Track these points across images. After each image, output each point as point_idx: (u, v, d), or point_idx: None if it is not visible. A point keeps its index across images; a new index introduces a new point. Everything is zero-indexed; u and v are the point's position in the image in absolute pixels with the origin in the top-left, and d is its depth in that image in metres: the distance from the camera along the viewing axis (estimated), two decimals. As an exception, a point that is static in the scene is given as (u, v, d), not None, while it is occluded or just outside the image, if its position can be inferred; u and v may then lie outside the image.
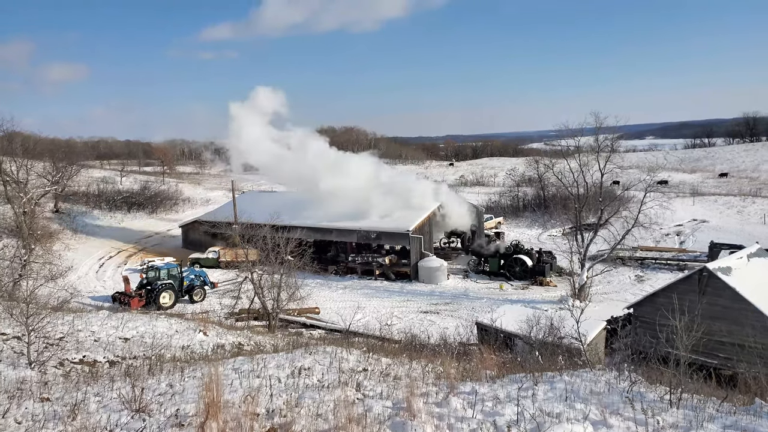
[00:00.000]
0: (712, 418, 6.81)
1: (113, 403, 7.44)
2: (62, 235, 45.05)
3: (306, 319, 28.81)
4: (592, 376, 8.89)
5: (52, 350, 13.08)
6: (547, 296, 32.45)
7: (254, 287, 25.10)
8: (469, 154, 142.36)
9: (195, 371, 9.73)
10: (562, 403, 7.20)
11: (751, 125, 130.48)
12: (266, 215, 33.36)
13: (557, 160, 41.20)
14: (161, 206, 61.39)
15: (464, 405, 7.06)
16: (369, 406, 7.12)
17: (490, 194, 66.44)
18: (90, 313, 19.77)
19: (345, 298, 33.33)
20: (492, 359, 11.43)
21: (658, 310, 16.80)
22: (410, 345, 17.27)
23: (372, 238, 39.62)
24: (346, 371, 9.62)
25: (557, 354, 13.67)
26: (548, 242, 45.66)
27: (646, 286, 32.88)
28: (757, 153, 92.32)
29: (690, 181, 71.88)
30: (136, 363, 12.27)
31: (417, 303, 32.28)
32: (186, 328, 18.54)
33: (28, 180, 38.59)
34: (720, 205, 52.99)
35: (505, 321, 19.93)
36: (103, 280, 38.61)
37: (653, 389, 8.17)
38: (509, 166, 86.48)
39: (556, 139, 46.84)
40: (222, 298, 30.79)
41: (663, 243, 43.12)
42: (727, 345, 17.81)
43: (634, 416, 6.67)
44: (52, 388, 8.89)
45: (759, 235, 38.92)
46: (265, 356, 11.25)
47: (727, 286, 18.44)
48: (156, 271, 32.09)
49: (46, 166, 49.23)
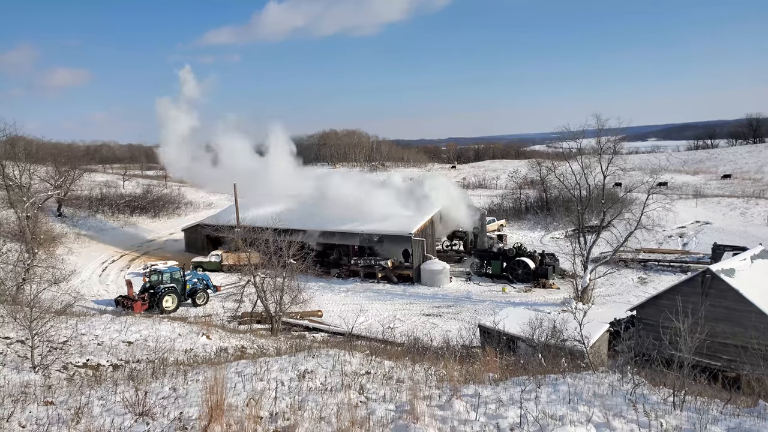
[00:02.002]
0: (715, 421, 6.80)
1: (117, 407, 7.46)
2: (65, 239, 45.14)
3: (309, 323, 28.81)
4: (595, 379, 8.88)
5: (55, 354, 13.12)
6: (549, 299, 32.38)
7: (257, 290, 25.10)
8: (472, 157, 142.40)
9: (198, 375, 9.75)
10: (565, 406, 7.19)
11: (754, 126, 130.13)
12: (269, 218, 33.39)
13: (559, 162, 41.17)
14: (164, 210, 61.48)
15: (467, 408, 7.06)
16: (372, 409, 7.12)
17: (493, 197, 66.39)
18: (93, 317, 19.83)
19: (347, 301, 33.32)
20: (495, 362, 11.42)
21: (661, 312, 16.75)
22: (413, 348, 17.24)
23: (374, 241, 39.63)
24: (349, 374, 9.62)
25: (560, 356, 13.64)
26: (551, 245, 45.59)
27: (649, 288, 32.79)
28: (760, 154, 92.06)
29: (693, 182, 71.70)
30: (139, 367, 12.29)
31: (419, 306, 32.26)
32: (189, 332, 18.57)
33: (30, 184, 38.71)
34: (723, 207, 52.82)
35: (507, 323, 19.89)
36: (106, 283, 38.67)
37: (656, 391, 8.15)
38: (511, 168, 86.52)
39: (558, 142, 46.85)
40: (225, 302, 30.84)
41: (666, 245, 43.01)
42: (731, 347, 17.74)
43: (637, 419, 6.66)
44: (56, 392, 8.92)
45: (762, 236, 38.76)
46: (268, 359, 11.26)
47: (731, 288, 18.37)
48: (159, 274, 32.12)
49: (48, 170, 49.41)
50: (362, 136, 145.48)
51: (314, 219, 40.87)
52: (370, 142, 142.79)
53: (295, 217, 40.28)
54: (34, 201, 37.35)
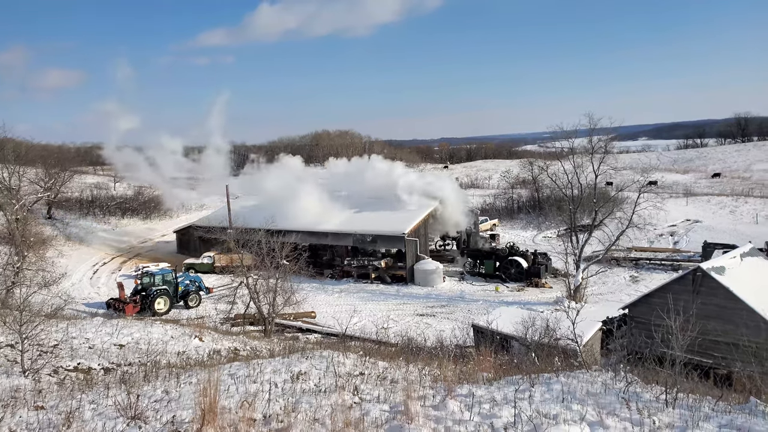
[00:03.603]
0: (707, 418, 6.85)
1: (108, 411, 7.40)
2: (55, 242, 44.68)
3: (302, 324, 28.74)
4: (589, 377, 8.91)
5: (46, 358, 13.00)
6: (542, 298, 32.51)
7: (249, 292, 25.01)
8: (464, 157, 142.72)
9: (191, 377, 9.69)
10: (558, 405, 7.21)
11: (743, 126, 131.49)
12: (261, 219, 33.27)
13: (551, 161, 41.40)
14: (155, 211, 61.07)
15: (461, 407, 7.06)
16: (366, 410, 7.11)
17: (485, 196, 66.56)
18: (84, 320, 19.68)
19: (341, 302, 33.28)
20: (488, 361, 11.44)
21: (653, 311, 16.84)
22: (407, 348, 17.25)
23: (368, 241, 39.61)
24: (343, 375, 9.60)
25: (553, 355, 13.68)
26: (543, 244, 45.77)
27: (640, 286, 33.01)
28: (749, 153, 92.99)
29: (683, 181, 72.27)
30: (131, 370, 12.20)
31: (413, 306, 32.27)
32: (181, 334, 18.47)
33: (20, 186, 38.33)
34: (713, 205, 53.30)
35: (501, 323, 19.94)
36: (97, 286, 38.37)
37: (649, 389, 8.20)
38: (503, 168, 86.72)
39: (550, 141, 47.12)
40: (217, 304, 30.70)
41: (657, 243, 43.32)
42: (722, 344, 17.89)
43: (630, 416, 6.69)
44: (47, 396, 8.82)
45: (751, 234, 39.16)
46: (261, 361, 11.21)
47: (721, 286, 18.52)
48: (151, 276, 31.91)
49: (38, 172, 48.96)
50: (355, 136, 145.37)
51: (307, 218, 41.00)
52: (363, 142, 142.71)
53: (287, 216, 40.23)
54: (23, 203, 36.98)
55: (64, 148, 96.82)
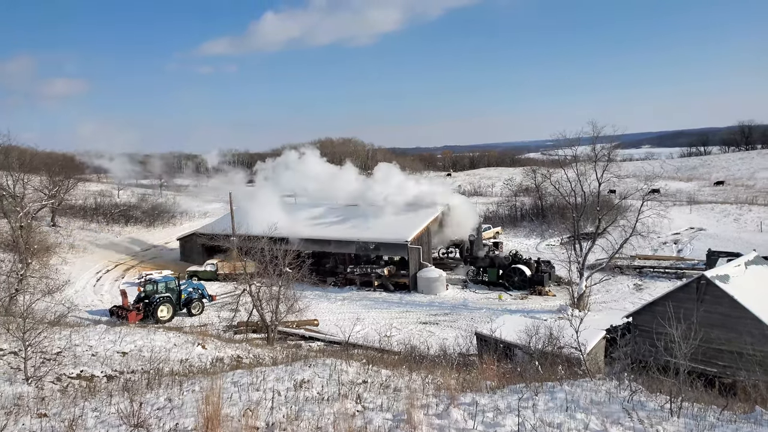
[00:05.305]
0: (712, 427, 6.81)
1: (111, 419, 7.40)
2: (59, 249, 44.86)
3: (305, 332, 28.68)
4: (593, 386, 8.87)
5: (49, 365, 13.01)
6: (546, 306, 32.39)
7: (252, 300, 25.01)
8: (467, 165, 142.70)
9: (194, 385, 9.68)
10: (562, 414, 7.18)
11: (746, 133, 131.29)
12: (264, 227, 33.31)
13: (554, 169, 41.38)
14: (159, 219, 61.25)
15: (465, 416, 7.03)
16: (369, 418, 7.09)
17: (488, 204, 66.51)
18: (87, 328, 19.68)
19: (344, 310, 33.22)
20: (492, 370, 11.40)
21: (656, 319, 16.79)
22: (410, 356, 17.20)
23: (371, 249, 39.59)
24: (346, 383, 9.58)
25: (557, 364, 13.62)
26: (546, 252, 45.67)
27: (644, 294, 32.86)
28: (752, 161, 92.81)
29: (686, 189, 72.12)
30: (134, 377, 12.20)
31: (416, 314, 32.19)
32: (184, 342, 18.47)
33: (24, 194, 38.52)
34: (717, 213, 53.11)
35: (504, 331, 19.87)
36: (100, 293, 38.42)
37: (653, 398, 8.16)
38: (506, 176, 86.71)
39: (554, 149, 47.13)
40: (220, 311, 30.71)
41: (661, 251, 43.17)
42: (726, 353, 17.79)
43: (634, 426, 6.66)
44: (50, 404, 8.83)
45: (756, 242, 39.00)
46: (264, 369, 11.20)
47: (725, 294, 18.44)
48: (154, 284, 31.94)
49: (42, 179, 49.20)
50: (358, 144, 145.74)
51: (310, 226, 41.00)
52: (366, 150, 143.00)
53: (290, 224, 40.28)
54: (27, 211, 37.15)
55: (68, 156, 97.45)
